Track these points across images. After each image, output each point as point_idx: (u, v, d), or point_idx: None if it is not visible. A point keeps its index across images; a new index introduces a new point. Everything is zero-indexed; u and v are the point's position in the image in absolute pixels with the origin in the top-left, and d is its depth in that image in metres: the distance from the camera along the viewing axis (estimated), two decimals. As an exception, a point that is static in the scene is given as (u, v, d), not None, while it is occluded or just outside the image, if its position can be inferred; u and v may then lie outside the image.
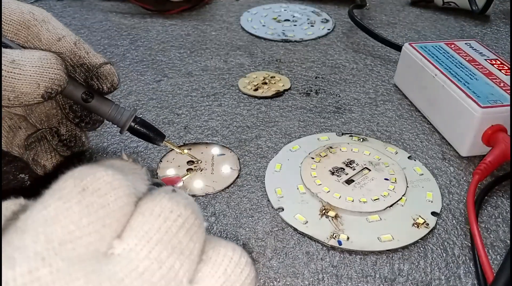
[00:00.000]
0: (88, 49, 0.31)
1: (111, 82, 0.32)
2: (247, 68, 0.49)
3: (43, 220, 0.12)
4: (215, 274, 0.15)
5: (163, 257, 0.13)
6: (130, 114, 0.32)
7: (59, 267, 0.12)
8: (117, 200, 0.14)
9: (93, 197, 0.13)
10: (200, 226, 0.15)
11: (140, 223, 0.14)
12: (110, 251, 0.13)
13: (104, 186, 0.14)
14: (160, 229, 0.14)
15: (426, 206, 0.33)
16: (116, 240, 0.13)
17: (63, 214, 0.13)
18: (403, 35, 0.58)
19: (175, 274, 0.13)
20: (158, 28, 0.57)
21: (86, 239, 0.13)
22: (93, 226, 0.13)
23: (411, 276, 0.29)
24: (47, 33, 0.30)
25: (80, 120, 0.33)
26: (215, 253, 0.15)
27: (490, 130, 0.36)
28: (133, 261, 0.13)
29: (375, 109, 0.44)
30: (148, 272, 0.13)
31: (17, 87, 0.27)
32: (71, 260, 0.12)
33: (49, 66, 0.28)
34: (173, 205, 0.14)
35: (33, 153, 0.32)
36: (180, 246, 0.14)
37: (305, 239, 0.31)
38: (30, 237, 0.12)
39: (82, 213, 0.13)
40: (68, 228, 0.12)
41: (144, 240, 0.13)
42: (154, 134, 0.33)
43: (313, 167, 0.35)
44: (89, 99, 0.31)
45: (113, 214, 0.13)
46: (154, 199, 0.14)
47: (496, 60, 0.43)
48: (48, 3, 0.62)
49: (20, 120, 0.32)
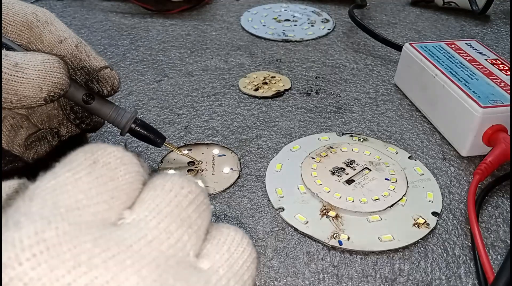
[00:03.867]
0: (89, 51, 0.32)
1: (112, 86, 0.32)
2: (248, 68, 0.49)
3: (51, 189, 0.12)
4: (219, 250, 0.15)
5: (172, 229, 0.13)
6: (131, 116, 0.32)
7: (65, 230, 0.12)
8: (126, 174, 0.14)
9: (103, 169, 0.13)
10: (208, 205, 0.15)
11: (151, 196, 0.14)
12: (120, 221, 0.13)
13: (114, 161, 0.14)
14: (171, 203, 0.14)
15: (427, 206, 0.33)
16: (127, 211, 0.14)
17: (72, 184, 0.13)
18: (404, 35, 0.58)
19: (183, 245, 0.14)
20: (159, 28, 0.57)
21: (94, 207, 0.13)
22: (102, 197, 0.13)
23: (411, 276, 0.29)
24: (49, 34, 0.30)
25: (80, 121, 0.33)
26: (219, 232, 0.15)
27: (491, 130, 0.36)
28: (142, 230, 0.13)
29: (376, 109, 0.44)
30: (156, 240, 0.13)
31: (20, 90, 0.27)
32: (78, 225, 0.12)
33: (51, 70, 0.28)
34: (184, 182, 0.15)
35: (33, 152, 0.32)
36: (189, 220, 0.14)
37: (305, 239, 0.31)
38: (37, 204, 0.12)
39: (91, 184, 0.13)
40: (76, 196, 0.13)
41: (155, 212, 0.14)
42: (155, 136, 0.33)
43: (314, 167, 0.35)
44: (90, 101, 0.31)
45: (122, 187, 0.14)
46: (165, 176, 0.15)
47: (497, 60, 0.43)
48: (49, 3, 0.62)
49: (22, 119, 0.32)
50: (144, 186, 0.15)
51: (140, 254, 0.12)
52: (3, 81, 0.27)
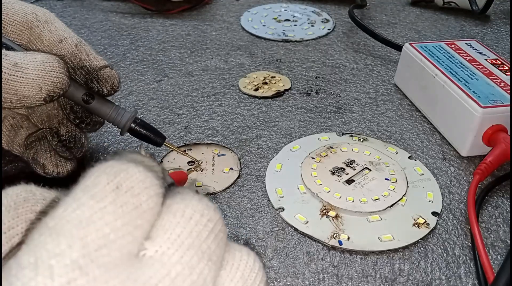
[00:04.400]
0: (89, 51, 0.32)
1: (111, 85, 0.32)
2: (248, 68, 0.49)
3: (77, 222, 0.12)
4: (233, 278, 0.15)
5: (194, 263, 0.13)
6: (131, 115, 0.32)
7: (95, 276, 0.11)
8: (148, 200, 0.14)
9: (126, 196, 0.13)
10: (225, 232, 0.15)
11: (172, 224, 0.14)
12: (142, 253, 0.13)
13: (137, 185, 0.13)
14: (192, 233, 0.14)
15: (427, 206, 0.33)
16: (148, 242, 0.13)
17: (97, 215, 0.12)
18: (403, 35, 0.58)
19: (204, 280, 0.13)
20: (159, 28, 0.57)
21: (120, 242, 0.12)
22: (127, 228, 0.13)
23: (411, 276, 0.29)
24: (49, 34, 0.30)
25: (80, 121, 0.33)
26: (231, 257, 0.15)
27: (491, 130, 0.36)
28: (165, 266, 0.13)
29: (376, 109, 0.44)
30: (180, 277, 0.13)
31: (20, 90, 0.27)
32: (106, 267, 0.12)
33: (51, 69, 0.28)
34: (204, 208, 0.14)
35: (33, 152, 0.32)
36: (209, 252, 0.14)
37: (305, 239, 0.31)
38: (65, 241, 0.12)
39: (116, 214, 0.13)
40: (103, 231, 0.12)
41: (177, 243, 0.13)
42: (154, 136, 0.33)
43: (314, 167, 0.35)
44: (90, 101, 0.31)
45: (144, 215, 0.13)
46: (184, 199, 0.14)
47: (497, 60, 0.43)
48: (49, 3, 0.62)
49: (22, 119, 0.32)
50: (163, 206, 0.14)
51: None
52: (3, 81, 0.27)
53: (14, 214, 0.14)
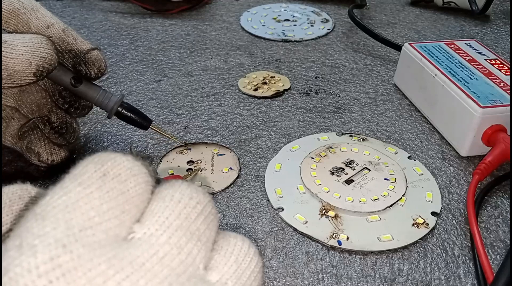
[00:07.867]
0: (76, 36, 0.32)
1: (99, 68, 0.33)
2: (247, 68, 0.49)
3: (63, 206, 0.12)
4: (227, 261, 0.15)
5: (182, 243, 0.13)
6: (118, 99, 0.33)
7: (80, 253, 0.12)
8: (136, 186, 0.14)
9: (113, 182, 0.13)
10: (215, 215, 0.15)
11: (161, 208, 0.14)
12: (131, 236, 0.13)
13: (124, 172, 0.14)
14: (180, 215, 0.14)
15: (426, 206, 0.33)
16: (137, 224, 0.14)
17: (83, 200, 0.13)
18: (403, 35, 0.58)
19: (193, 259, 0.14)
20: (158, 28, 0.57)
21: (106, 224, 0.13)
22: (113, 212, 0.13)
23: (411, 276, 0.29)
24: (36, 20, 0.31)
25: (69, 105, 0.34)
26: (226, 242, 0.15)
27: (490, 130, 0.36)
28: (153, 246, 0.13)
29: (375, 109, 0.44)
30: (167, 257, 0.13)
31: (10, 65, 0.28)
32: (91, 246, 0.12)
33: (40, 45, 0.29)
34: (193, 192, 0.15)
35: (26, 141, 0.33)
36: (198, 233, 0.14)
37: (305, 239, 0.31)
38: (50, 224, 0.12)
39: (102, 199, 0.13)
40: (88, 214, 0.12)
41: (165, 225, 0.14)
42: (141, 119, 0.34)
43: (313, 167, 0.35)
44: (77, 84, 0.32)
45: (132, 200, 0.14)
46: (173, 185, 0.15)
47: (496, 60, 0.43)
48: (48, 2, 0.62)
49: (13, 111, 0.33)
50: (153, 194, 0.15)
51: (153, 272, 0.12)
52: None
53: (9, 211, 0.15)
